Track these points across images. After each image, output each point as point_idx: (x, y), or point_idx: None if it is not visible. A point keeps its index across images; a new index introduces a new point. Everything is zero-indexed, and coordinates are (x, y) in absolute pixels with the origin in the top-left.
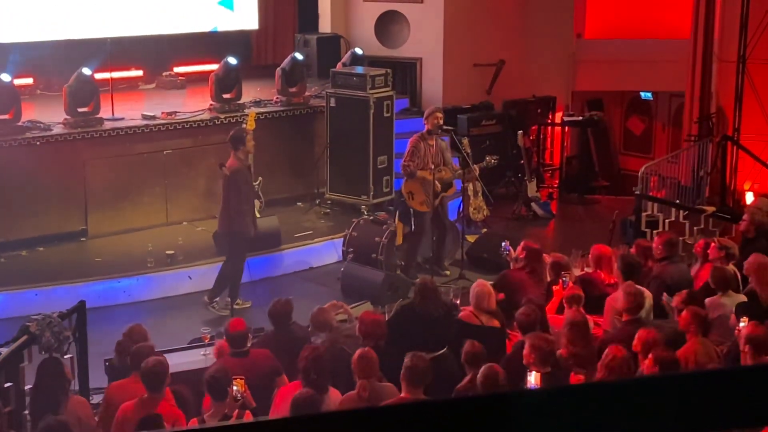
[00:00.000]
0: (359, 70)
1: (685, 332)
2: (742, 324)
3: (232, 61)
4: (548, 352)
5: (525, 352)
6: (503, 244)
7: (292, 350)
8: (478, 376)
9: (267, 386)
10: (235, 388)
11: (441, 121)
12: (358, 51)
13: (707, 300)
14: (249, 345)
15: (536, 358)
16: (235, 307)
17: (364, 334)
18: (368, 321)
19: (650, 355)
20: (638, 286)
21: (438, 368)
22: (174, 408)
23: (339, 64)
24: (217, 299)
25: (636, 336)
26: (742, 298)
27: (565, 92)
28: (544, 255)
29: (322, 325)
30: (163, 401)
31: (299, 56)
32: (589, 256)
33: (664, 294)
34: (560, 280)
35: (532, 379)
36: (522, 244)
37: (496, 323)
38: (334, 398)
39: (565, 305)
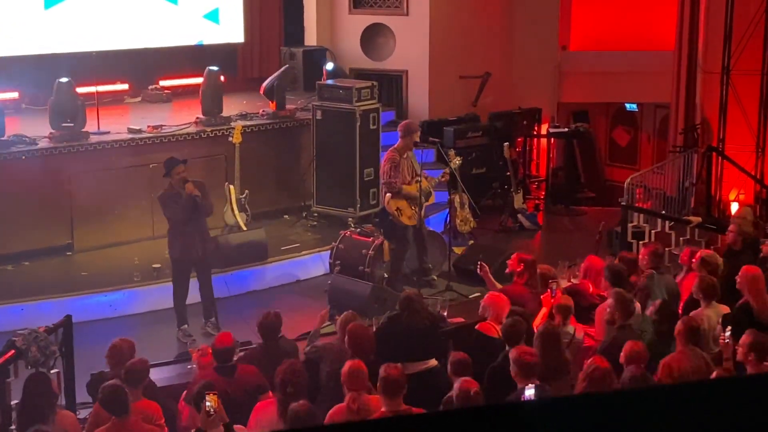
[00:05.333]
0: (345, 83)
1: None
2: (727, 333)
3: (213, 67)
4: (531, 365)
5: (511, 365)
6: (479, 264)
7: (280, 364)
8: (454, 389)
9: (251, 403)
10: (208, 403)
11: (418, 139)
12: (329, 66)
13: (693, 312)
14: (235, 359)
15: (517, 372)
16: (208, 330)
17: (353, 348)
18: (358, 335)
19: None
20: (629, 294)
21: (428, 381)
22: (146, 425)
23: (324, 77)
24: (184, 326)
25: (623, 348)
26: (725, 309)
27: (550, 104)
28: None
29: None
30: (132, 421)
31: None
32: (581, 266)
33: None
34: (548, 290)
35: (530, 393)
36: (515, 257)
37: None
38: None
39: (555, 315)
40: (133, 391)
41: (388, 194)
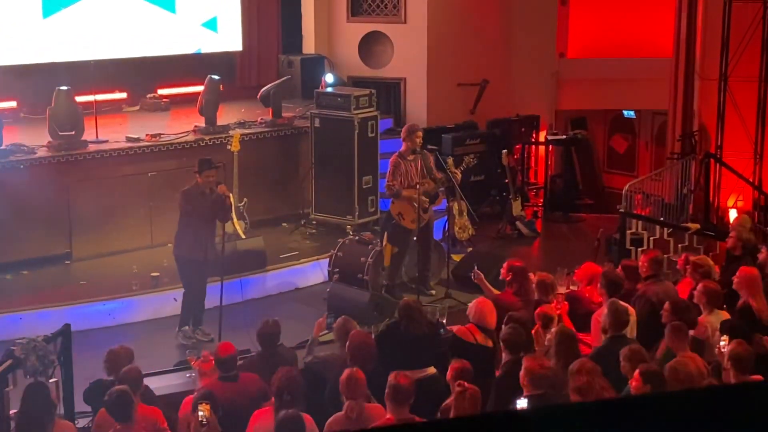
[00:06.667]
0: (343, 91)
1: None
2: (722, 342)
3: (215, 76)
4: (542, 376)
5: (521, 373)
6: (474, 270)
7: None
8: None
9: (256, 410)
10: (200, 413)
11: (421, 140)
12: (329, 79)
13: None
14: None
15: (528, 381)
16: (197, 338)
17: (353, 356)
18: (358, 343)
19: (636, 372)
20: (623, 303)
21: (425, 388)
22: None
23: (322, 85)
24: (185, 328)
25: (621, 353)
26: (726, 315)
27: (548, 111)
28: (530, 274)
29: (345, 337)
30: (135, 429)
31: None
32: (579, 273)
33: None
34: (554, 300)
35: (521, 404)
36: (506, 264)
37: (489, 343)
38: (307, 422)
39: (536, 322)
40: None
41: (393, 198)
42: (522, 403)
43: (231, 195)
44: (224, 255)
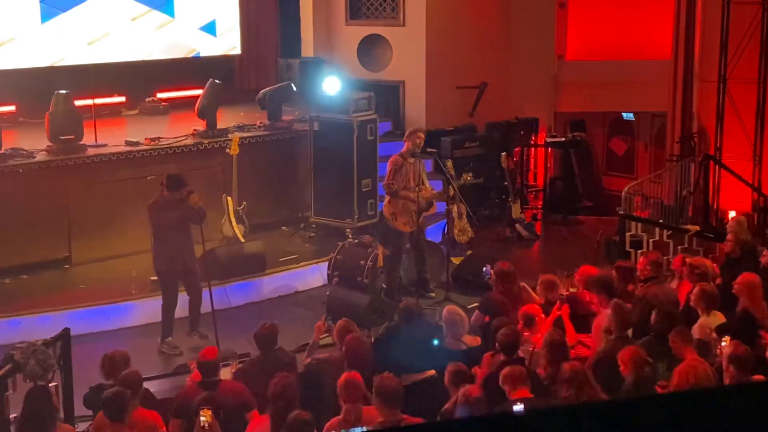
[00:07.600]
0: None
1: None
2: (723, 343)
3: (217, 81)
4: (519, 378)
5: (501, 379)
6: (485, 268)
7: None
8: (459, 397)
9: (231, 419)
10: (202, 418)
11: (422, 142)
12: (335, 85)
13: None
14: (234, 371)
15: (509, 386)
16: (163, 350)
17: (350, 360)
18: (355, 347)
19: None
20: (626, 305)
21: (426, 391)
22: None
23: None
24: (169, 339)
25: (619, 354)
26: (721, 317)
27: (547, 114)
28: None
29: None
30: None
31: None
32: (576, 276)
33: None
34: (557, 301)
35: (518, 409)
36: (496, 266)
37: (478, 340)
38: None
39: (519, 320)
40: (130, 402)
41: (387, 197)
42: (518, 408)
43: (203, 205)
44: (212, 259)
